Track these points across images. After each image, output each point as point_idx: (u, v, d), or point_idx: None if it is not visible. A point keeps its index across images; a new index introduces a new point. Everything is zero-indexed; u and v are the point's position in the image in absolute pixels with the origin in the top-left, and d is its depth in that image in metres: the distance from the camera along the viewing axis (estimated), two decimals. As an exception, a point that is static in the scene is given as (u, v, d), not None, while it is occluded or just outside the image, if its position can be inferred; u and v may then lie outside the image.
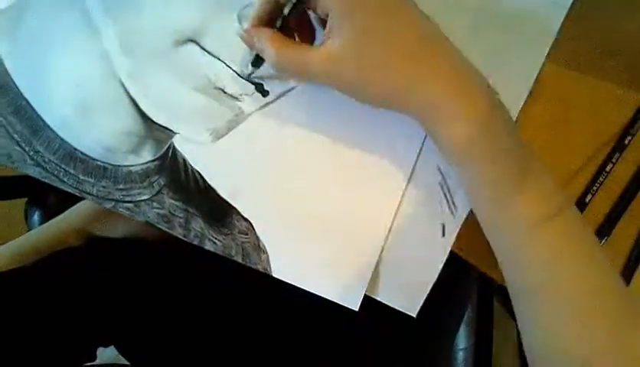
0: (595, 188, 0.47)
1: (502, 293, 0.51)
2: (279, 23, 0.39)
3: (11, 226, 0.95)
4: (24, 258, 0.57)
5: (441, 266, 0.46)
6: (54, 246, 0.59)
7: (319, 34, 0.43)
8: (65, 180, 0.45)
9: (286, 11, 0.38)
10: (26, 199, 0.87)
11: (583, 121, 0.47)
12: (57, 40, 0.43)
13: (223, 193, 0.46)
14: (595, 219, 0.47)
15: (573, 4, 0.44)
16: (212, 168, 0.46)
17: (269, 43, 0.38)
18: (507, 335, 0.85)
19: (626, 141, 0.46)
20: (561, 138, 0.48)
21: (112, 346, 0.56)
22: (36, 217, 0.88)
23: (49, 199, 0.87)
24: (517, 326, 0.67)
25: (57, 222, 0.63)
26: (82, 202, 0.61)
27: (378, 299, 0.47)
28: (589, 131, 0.47)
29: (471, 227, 0.48)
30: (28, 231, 0.86)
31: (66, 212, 0.63)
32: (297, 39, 0.42)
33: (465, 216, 0.47)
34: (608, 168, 0.46)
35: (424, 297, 0.46)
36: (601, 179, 0.46)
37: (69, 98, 0.44)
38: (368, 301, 0.47)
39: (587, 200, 0.47)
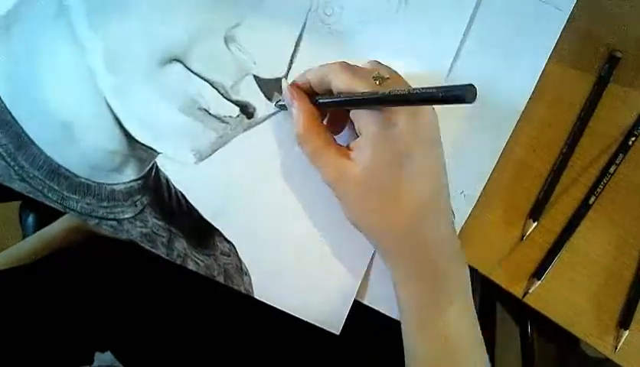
0: (599, 190, 0.47)
1: (505, 296, 0.52)
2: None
3: (7, 228, 0.97)
4: (30, 258, 0.59)
5: None
6: (59, 245, 0.61)
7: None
8: (50, 195, 0.47)
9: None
10: (20, 201, 0.90)
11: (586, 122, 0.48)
12: (42, 56, 0.45)
13: (206, 214, 0.47)
14: (599, 221, 0.48)
15: (576, 3, 0.45)
16: (195, 189, 0.47)
17: (302, 117, 0.41)
18: (510, 338, 0.84)
19: (630, 142, 0.46)
20: (564, 138, 0.48)
21: (109, 351, 0.58)
22: (30, 220, 0.90)
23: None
24: (520, 329, 0.68)
25: (59, 224, 0.65)
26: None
27: (374, 308, 0.49)
28: (592, 132, 0.48)
29: (471, 230, 0.49)
30: (23, 234, 0.88)
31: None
32: (328, 115, 0.45)
33: (463, 222, 0.48)
34: (612, 170, 0.47)
35: None
36: (605, 180, 0.47)
37: (53, 114, 0.45)
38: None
39: (591, 202, 0.47)
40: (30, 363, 0.49)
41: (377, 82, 0.38)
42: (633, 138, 0.47)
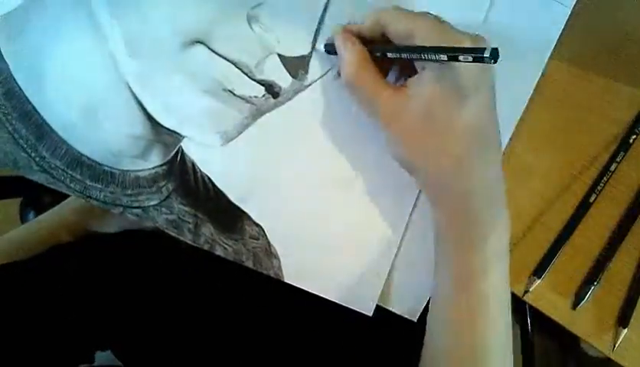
0: (599, 188, 0.48)
1: None
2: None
3: (7, 225, 0.97)
4: (15, 252, 0.59)
5: None
6: (46, 241, 0.61)
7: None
8: (72, 186, 0.46)
9: (390, 55, 0.40)
10: (21, 198, 0.90)
11: (587, 120, 0.49)
12: (63, 43, 0.44)
13: (233, 197, 0.48)
14: (601, 219, 0.49)
15: (577, 1, 0.46)
16: (221, 172, 0.47)
17: (355, 57, 0.41)
18: None
19: (631, 140, 0.47)
20: (565, 136, 0.49)
21: (109, 351, 0.58)
22: (31, 217, 0.90)
23: (44, 199, 0.89)
24: (520, 326, 0.69)
25: (49, 216, 0.64)
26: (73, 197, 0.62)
27: (379, 304, 0.49)
28: (593, 130, 0.49)
29: None
30: (23, 231, 0.88)
31: (58, 206, 0.65)
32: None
33: None
34: (612, 168, 0.48)
35: (425, 301, 0.49)
36: (605, 179, 0.48)
37: (75, 102, 0.45)
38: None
39: (591, 200, 0.48)
40: (31, 361, 0.49)
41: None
42: (634, 136, 0.47)
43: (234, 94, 0.45)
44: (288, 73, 0.45)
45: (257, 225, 0.48)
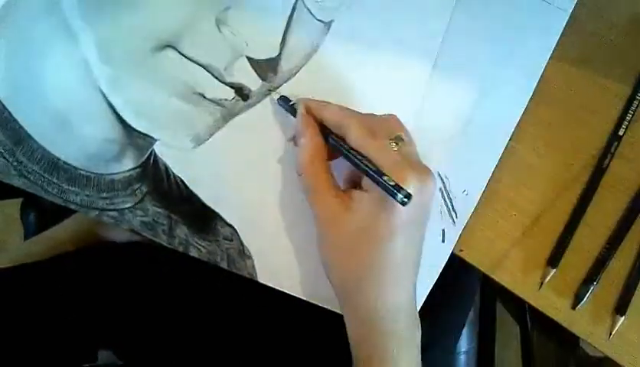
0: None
1: (505, 295, 0.53)
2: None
3: (7, 226, 1.00)
4: (38, 255, 0.61)
5: (439, 272, 0.49)
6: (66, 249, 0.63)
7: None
8: (49, 189, 0.48)
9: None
10: (21, 199, 0.91)
11: (587, 120, 0.49)
12: (36, 49, 0.46)
13: (206, 199, 0.49)
14: (600, 219, 0.49)
15: (578, 3, 0.46)
16: (194, 174, 0.48)
17: (309, 150, 0.42)
18: (509, 337, 0.86)
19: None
20: (565, 137, 0.49)
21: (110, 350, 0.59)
22: (32, 218, 0.92)
23: (44, 201, 0.91)
24: (520, 329, 0.69)
25: (61, 228, 0.66)
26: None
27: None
28: (593, 130, 0.49)
29: (472, 228, 0.50)
30: (25, 231, 0.90)
31: (70, 219, 0.67)
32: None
33: (465, 223, 0.50)
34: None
35: (422, 301, 0.49)
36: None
37: (49, 107, 0.46)
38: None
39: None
40: (35, 361, 0.51)
41: (394, 145, 0.39)
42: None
43: (205, 97, 0.46)
44: (257, 75, 0.46)
45: (230, 225, 0.49)
